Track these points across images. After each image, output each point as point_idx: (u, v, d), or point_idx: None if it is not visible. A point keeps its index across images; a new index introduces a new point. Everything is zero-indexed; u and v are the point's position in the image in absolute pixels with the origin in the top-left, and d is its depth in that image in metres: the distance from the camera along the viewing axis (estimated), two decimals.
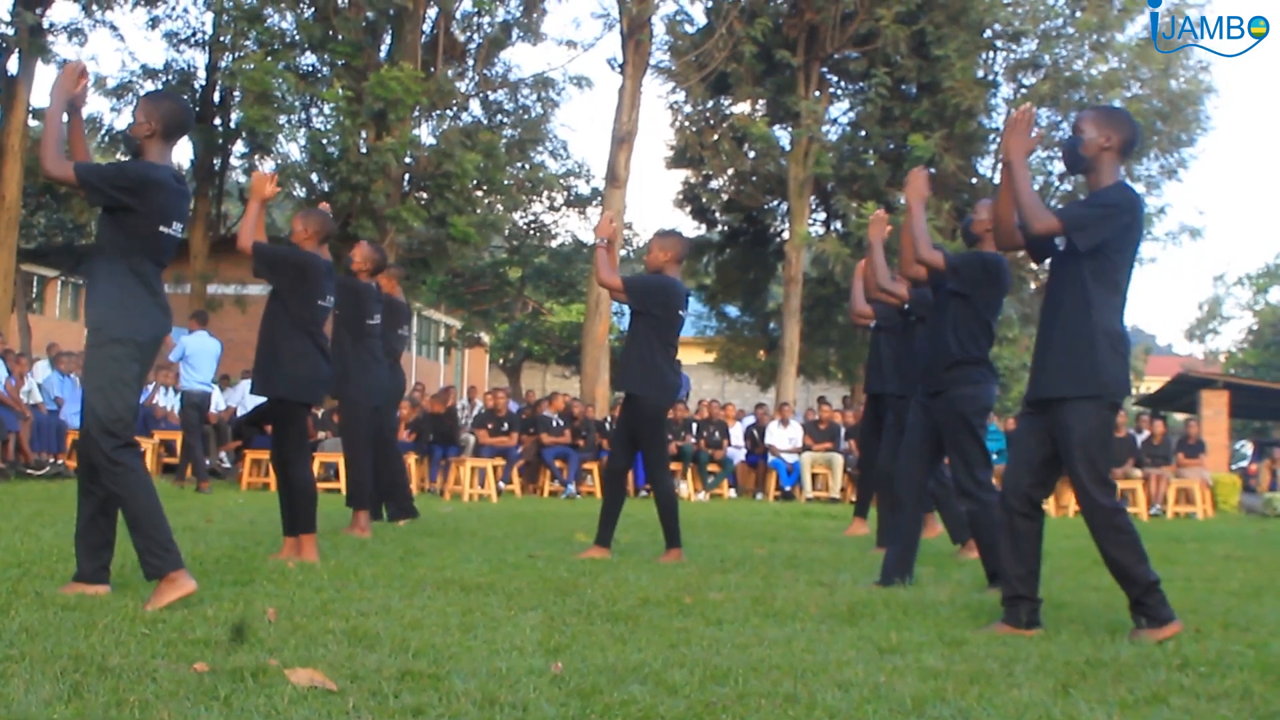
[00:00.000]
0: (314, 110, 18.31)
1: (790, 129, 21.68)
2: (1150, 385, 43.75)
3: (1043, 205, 4.57)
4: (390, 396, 9.13)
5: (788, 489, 16.70)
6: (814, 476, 16.72)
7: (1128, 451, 15.87)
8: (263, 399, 6.64)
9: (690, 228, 24.40)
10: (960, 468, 5.90)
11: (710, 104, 22.51)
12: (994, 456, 6.42)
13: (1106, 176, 4.64)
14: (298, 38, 17.88)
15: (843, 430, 17.07)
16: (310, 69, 18.67)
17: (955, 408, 5.80)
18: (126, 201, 4.58)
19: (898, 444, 7.73)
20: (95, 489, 4.68)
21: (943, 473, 7.28)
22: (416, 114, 17.84)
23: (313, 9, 17.95)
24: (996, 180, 21.52)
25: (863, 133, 21.84)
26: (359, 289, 8.25)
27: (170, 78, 20.32)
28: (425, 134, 18.99)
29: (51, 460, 12.97)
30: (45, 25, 17.61)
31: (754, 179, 22.63)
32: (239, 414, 15.39)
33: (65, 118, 4.70)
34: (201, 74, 20.57)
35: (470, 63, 19.89)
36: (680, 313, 7.12)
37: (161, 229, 4.67)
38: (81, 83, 4.74)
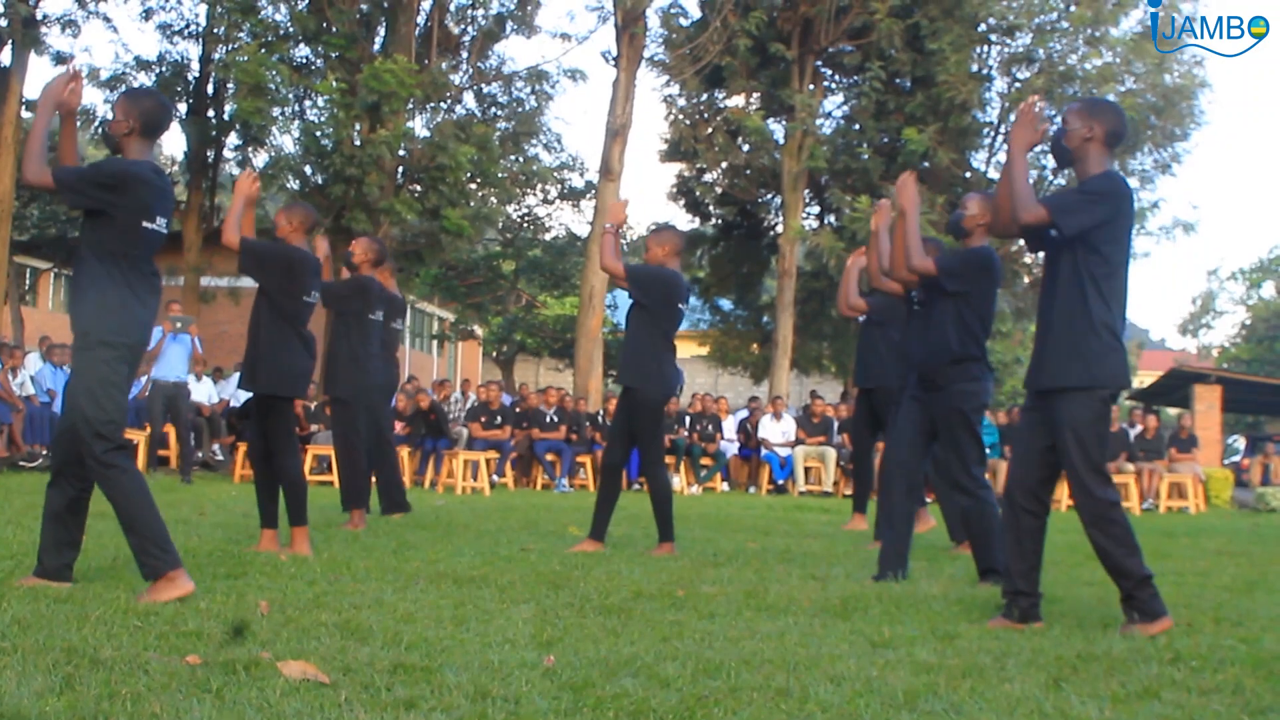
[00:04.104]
0: (308, 102, 18.27)
1: (784, 122, 21.69)
2: (1143, 380, 43.83)
3: (1032, 196, 4.56)
4: (385, 391, 9.10)
5: (781, 483, 16.71)
6: (807, 470, 16.74)
7: (1120, 446, 15.89)
8: (239, 384, 6.65)
9: (684, 221, 24.46)
10: (956, 463, 5.90)
11: (704, 97, 22.50)
12: (986, 451, 6.43)
13: (1093, 166, 4.64)
14: (291, 30, 17.84)
15: (835, 424, 17.08)
16: (304, 61, 18.63)
17: (954, 403, 5.80)
18: (107, 200, 4.54)
19: None
20: (66, 486, 4.66)
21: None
22: (410, 106, 17.81)
23: (306, 1, 17.91)
24: (990, 174, 21.57)
25: (857, 126, 21.86)
26: (364, 284, 8.21)
27: (164, 70, 20.26)
28: (419, 127, 18.99)
29: (44, 453, 12.94)
30: (39, 17, 17.55)
31: (748, 172, 22.64)
32: (232, 406, 15.39)
33: (56, 123, 4.66)
34: (195, 66, 20.52)
35: (464, 55, 19.87)
36: (680, 305, 7.10)
37: (144, 224, 4.62)
38: (72, 88, 4.69)
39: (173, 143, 68.71)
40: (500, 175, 19.49)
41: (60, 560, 4.69)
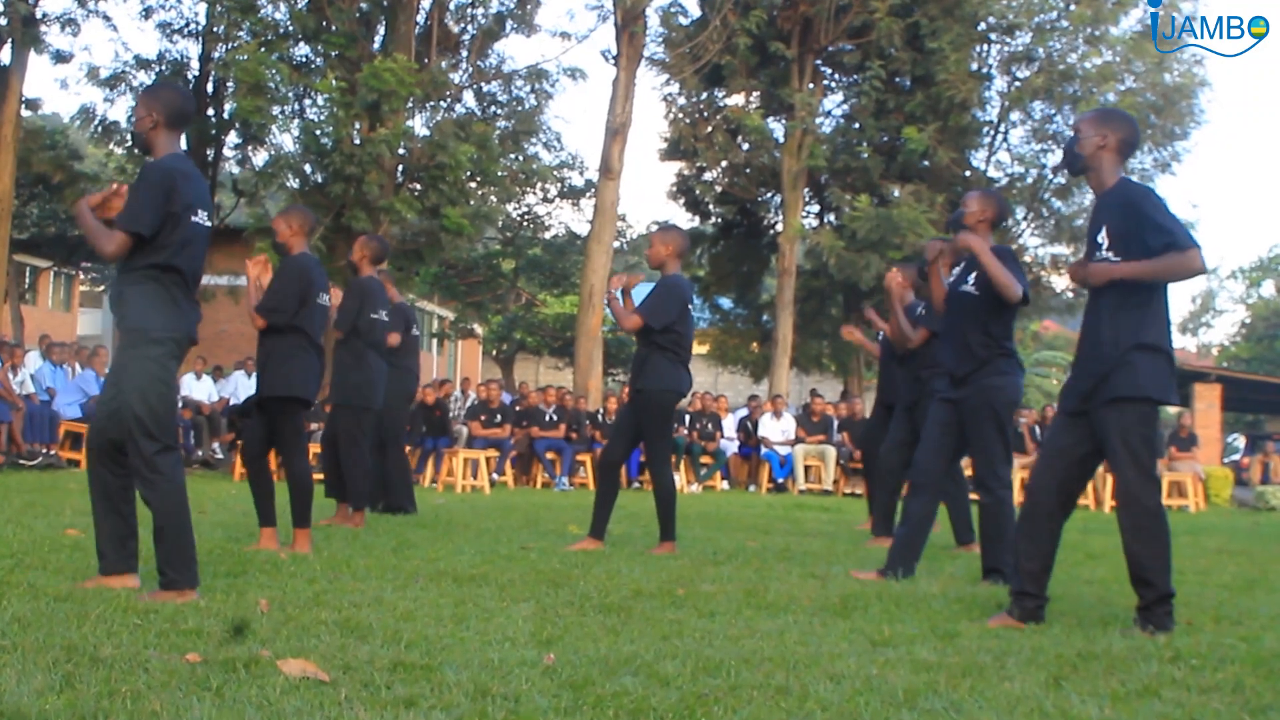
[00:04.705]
0: (307, 101, 18.23)
1: (784, 121, 21.69)
2: None
3: (1160, 264, 4.40)
4: (398, 396, 9.01)
5: (780, 481, 16.72)
6: (807, 469, 16.74)
7: None
8: (255, 390, 6.64)
9: (684, 220, 24.46)
10: (981, 460, 5.89)
11: (704, 96, 22.51)
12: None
13: (1108, 176, 4.63)
14: (291, 28, 17.81)
15: (835, 422, 17.09)
16: (304, 60, 18.59)
17: (984, 398, 5.79)
18: (167, 202, 4.45)
19: (903, 436, 7.73)
20: (107, 471, 4.58)
21: (958, 471, 7.27)
22: (410, 105, 17.78)
23: None
24: (990, 173, 21.58)
25: (857, 125, 21.87)
26: (363, 285, 8.18)
27: (164, 68, 20.25)
28: (419, 125, 18.94)
29: (44, 451, 12.95)
30: (39, 15, 17.54)
31: (748, 171, 22.65)
32: (232, 404, 15.39)
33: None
34: (195, 65, 20.51)
35: (464, 54, 19.84)
36: (689, 307, 7.12)
37: (192, 219, 4.57)
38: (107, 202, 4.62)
39: None
40: (500, 174, 19.45)
41: (123, 552, 4.62)
